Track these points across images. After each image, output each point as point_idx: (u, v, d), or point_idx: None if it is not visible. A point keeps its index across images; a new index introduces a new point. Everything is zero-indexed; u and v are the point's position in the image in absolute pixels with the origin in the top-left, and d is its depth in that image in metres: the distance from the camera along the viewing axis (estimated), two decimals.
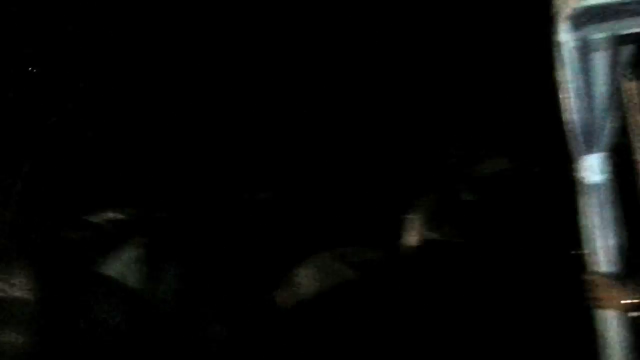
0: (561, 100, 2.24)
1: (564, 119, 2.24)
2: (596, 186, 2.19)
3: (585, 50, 2.18)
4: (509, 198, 5.13)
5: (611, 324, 2.13)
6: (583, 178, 2.22)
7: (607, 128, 2.21)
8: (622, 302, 2.02)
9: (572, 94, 2.19)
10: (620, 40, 2.20)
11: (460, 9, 7.53)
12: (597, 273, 2.16)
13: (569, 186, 2.31)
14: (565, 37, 2.19)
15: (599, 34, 2.17)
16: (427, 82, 7.91)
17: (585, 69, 2.18)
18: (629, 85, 2.41)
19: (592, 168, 2.20)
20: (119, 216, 10.36)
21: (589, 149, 2.21)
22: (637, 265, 2.16)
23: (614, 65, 2.22)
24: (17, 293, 4.32)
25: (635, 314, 2.03)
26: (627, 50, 2.27)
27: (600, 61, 2.20)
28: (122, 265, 5.14)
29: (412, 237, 5.05)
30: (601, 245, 2.17)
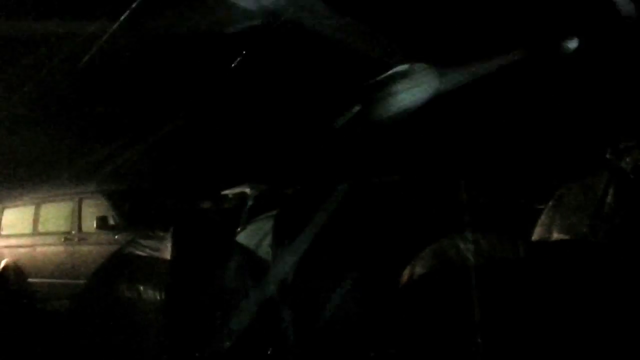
0: None
1: None
2: None
3: None
4: None
5: None
6: None
7: None
8: None
9: None
10: None
11: None
12: None
13: None
14: None
15: None
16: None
17: None
18: None
19: None
20: (251, 191, 10.84)
21: None
22: None
23: None
24: (160, 254, 4.65)
25: None
26: None
27: None
28: (254, 236, 5.35)
29: (545, 230, 4.75)
30: None
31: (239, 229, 5.91)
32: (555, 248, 4.42)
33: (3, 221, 8.85)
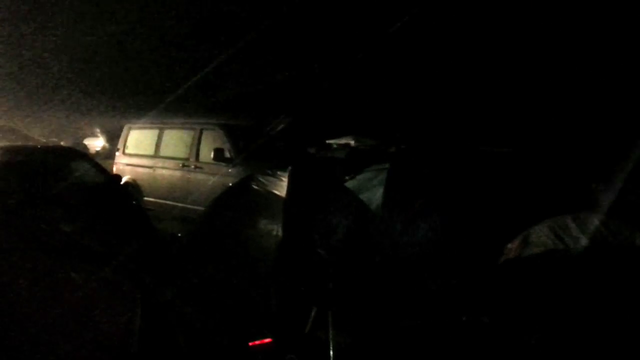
0: None
1: None
2: None
3: None
4: None
5: None
6: None
7: None
8: None
9: None
10: None
11: None
12: None
13: None
14: None
15: None
16: None
17: None
18: None
19: None
20: (355, 143, 10.98)
21: None
22: None
23: None
24: (277, 191, 4.92)
25: None
26: None
27: None
28: (364, 186, 5.51)
29: None
30: None
31: (348, 177, 6.08)
32: None
33: (128, 141, 9.56)
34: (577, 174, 6.62)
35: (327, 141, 11.67)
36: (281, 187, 4.87)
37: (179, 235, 6.04)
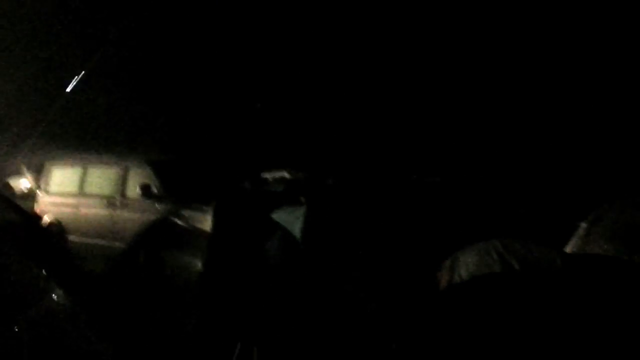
0: None
1: None
2: None
3: None
4: None
5: None
6: None
7: None
8: None
9: None
10: None
11: None
12: None
13: None
14: None
15: None
16: None
17: None
18: None
19: None
20: (290, 176, 10.97)
21: None
22: None
23: None
24: (200, 226, 4.79)
25: None
26: None
27: None
28: (290, 217, 5.43)
29: (584, 246, 4.71)
30: None
31: (277, 211, 5.99)
32: (591, 262, 4.39)
33: (50, 179, 9.17)
34: (506, 200, 6.77)
35: (262, 175, 11.56)
36: (205, 222, 4.75)
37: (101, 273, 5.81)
